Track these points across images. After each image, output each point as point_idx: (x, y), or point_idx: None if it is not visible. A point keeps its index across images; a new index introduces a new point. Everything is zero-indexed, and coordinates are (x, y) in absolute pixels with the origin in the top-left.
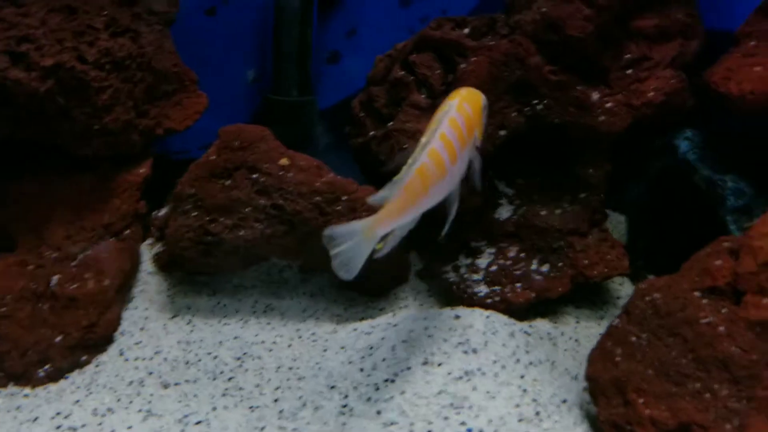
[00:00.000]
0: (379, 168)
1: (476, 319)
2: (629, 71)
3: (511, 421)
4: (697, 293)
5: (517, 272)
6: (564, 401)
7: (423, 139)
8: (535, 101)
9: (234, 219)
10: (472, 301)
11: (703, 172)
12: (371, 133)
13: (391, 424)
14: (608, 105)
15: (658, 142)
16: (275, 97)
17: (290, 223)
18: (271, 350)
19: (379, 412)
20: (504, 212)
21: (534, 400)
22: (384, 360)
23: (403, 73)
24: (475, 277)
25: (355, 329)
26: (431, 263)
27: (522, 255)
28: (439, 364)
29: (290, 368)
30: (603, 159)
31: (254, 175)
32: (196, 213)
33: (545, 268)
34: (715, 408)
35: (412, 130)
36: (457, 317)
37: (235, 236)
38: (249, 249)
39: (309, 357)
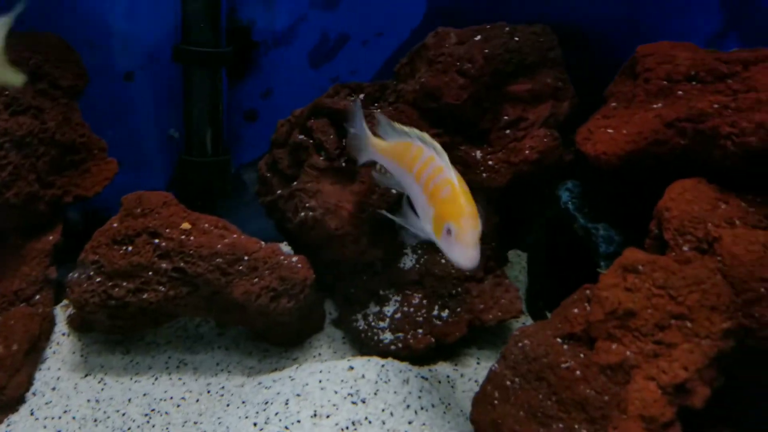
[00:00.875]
0: (287, 224)
1: (369, 368)
2: (507, 131)
3: None
4: (558, 339)
5: (419, 318)
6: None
7: (425, 136)
8: None
9: (136, 283)
10: (378, 348)
11: (580, 221)
12: (278, 192)
13: None
14: (490, 162)
15: (548, 192)
16: (188, 158)
17: (193, 285)
18: (179, 405)
19: None
20: (408, 262)
21: None
22: (276, 414)
23: (302, 137)
24: (381, 324)
25: (259, 383)
26: (344, 312)
27: (424, 301)
28: (328, 416)
29: (195, 423)
30: (490, 212)
31: (156, 240)
32: (99, 278)
33: (445, 313)
34: None
35: (313, 190)
36: (351, 368)
37: (139, 299)
38: (155, 310)
39: (213, 412)
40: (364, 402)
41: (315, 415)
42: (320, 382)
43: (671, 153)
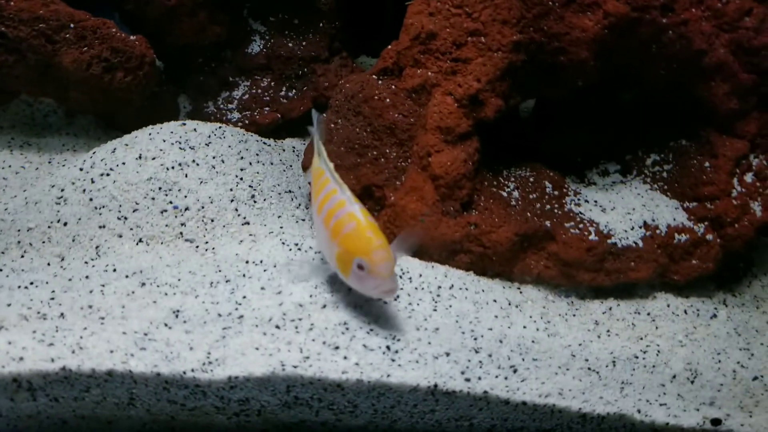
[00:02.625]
0: (125, 6)
1: (203, 126)
2: None
3: (222, 200)
4: (374, 76)
5: (266, 98)
6: (288, 191)
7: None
8: None
9: None
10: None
11: None
12: None
13: (102, 207)
14: None
15: None
16: None
17: (18, 52)
18: (17, 173)
19: (91, 200)
20: (256, 47)
21: (250, 186)
22: (102, 159)
23: None
24: (230, 106)
25: (96, 150)
26: (197, 102)
27: (272, 83)
28: (153, 158)
29: (31, 185)
30: None
31: None
32: None
33: (292, 92)
34: (387, 170)
35: None
36: (183, 124)
37: None
38: None
39: (49, 171)
40: (192, 149)
41: (140, 157)
42: (150, 134)
43: None
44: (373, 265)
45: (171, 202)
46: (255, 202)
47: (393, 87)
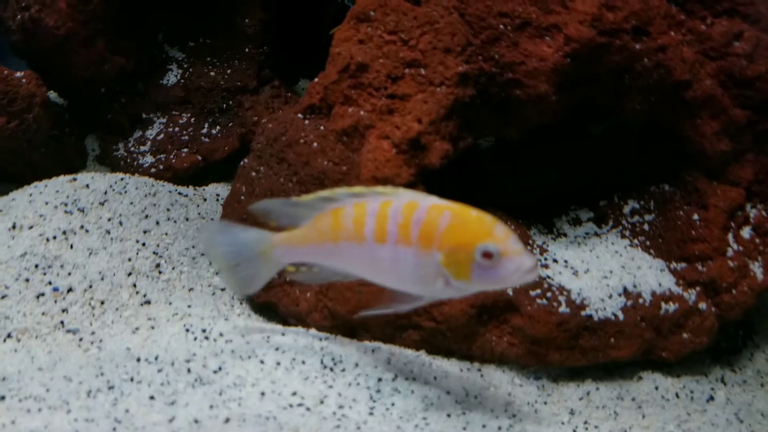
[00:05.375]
0: (12, 37)
1: (99, 180)
2: None
3: (117, 275)
4: (300, 115)
5: (185, 137)
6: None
7: (356, 188)
8: None
9: None
10: (138, 174)
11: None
12: None
13: None
14: None
15: None
16: None
17: None
18: None
19: None
20: (172, 77)
21: (155, 254)
22: None
23: None
24: (142, 148)
25: None
26: (106, 143)
27: (192, 120)
28: (30, 227)
29: None
30: (255, 7)
31: None
32: None
33: (215, 130)
34: None
35: None
36: (74, 180)
37: None
38: None
39: None
40: (82, 211)
41: (14, 227)
42: (30, 195)
43: None
44: (503, 243)
45: (50, 283)
46: (160, 273)
47: (321, 128)
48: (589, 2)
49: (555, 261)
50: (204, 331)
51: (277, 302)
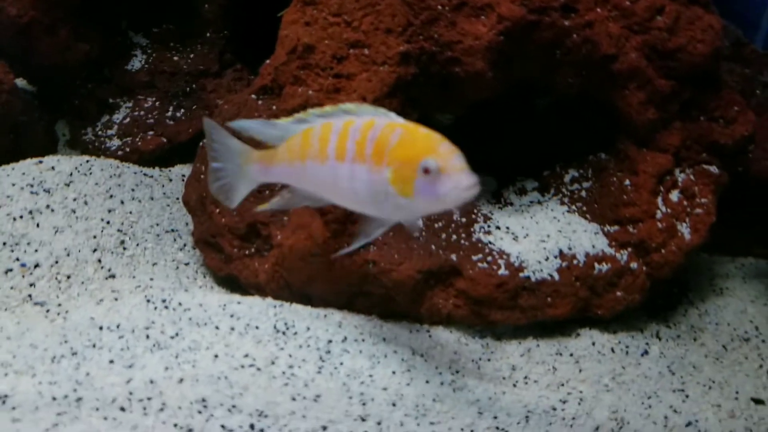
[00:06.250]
0: None
1: (64, 162)
2: None
3: (82, 251)
4: (253, 96)
5: (150, 121)
6: (172, 230)
7: (326, 108)
8: None
9: None
10: (106, 156)
11: None
12: None
13: None
14: None
15: None
16: None
17: None
18: None
19: None
20: (137, 63)
21: (120, 231)
22: None
23: None
24: (109, 132)
25: None
26: (75, 129)
27: (157, 104)
28: None
29: None
30: None
31: None
32: None
33: (179, 113)
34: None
35: None
36: (40, 162)
37: None
38: None
39: None
40: (48, 191)
41: None
42: None
43: None
44: (444, 160)
45: (18, 259)
46: (125, 249)
47: (273, 108)
48: None
49: (497, 228)
50: (164, 301)
51: (237, 274)
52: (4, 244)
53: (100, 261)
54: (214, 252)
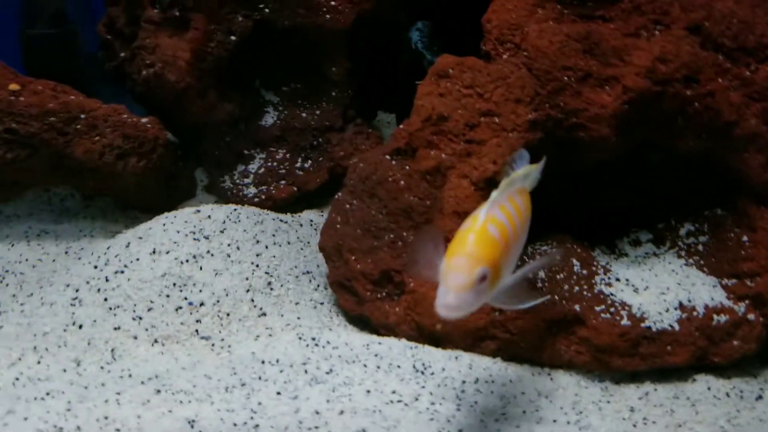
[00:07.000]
0: (136, 89)
1: (218, 211)
2: None
3: (237, 291)
4: (387, 156)
5: (282, 171)
6: (306, 272)
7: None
8: (261, 5)
9: None
10: (243, 203)
11: (428, 57)
12: (121, 54)
13: (117, 307)
14: (332, 3)
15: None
16: (27, 31)
17: (30, 146)
18: (34, 266)
19: (106, 299)
20: (269, 119)
21: (267, 273)
22: (117, 255)
23: None
24: (246, 180)
25: (113, 237)
26: (213, 175)
27: (287, 155)
28: (167, 252)
29: (48, 280)
30: (341, 56)
31: None
32: None
33: (307, 164)
34: (405, 254)
35: (151, 46)
36: (198, 212)
37: None
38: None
39: (65, 266)
40: (207, 238)
41: (154, 252)
42: (164, 225)
43: None
44: (446, 270)
45: (186, 298)
46: (272, 289)
47: (407, 168)
48: (644, 56)
49: (617, 279)
50: (314, 339)
51: (369, 315)
52: (174, 284)
53: (252, 300)
54: (348, 294)
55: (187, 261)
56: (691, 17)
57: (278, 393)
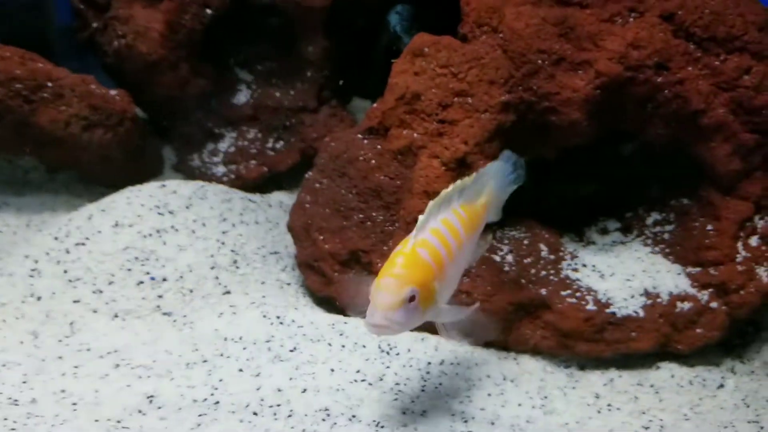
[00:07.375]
0: (106, 60)
1: (184, 186)
2: None
3: (202, 268)
4: (359, 135)
5: (253, 150)
6: (274, 253)
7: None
8: None
9: None
10: (211, 181)
11: (405, 41)
12: (93, 24)
13: (77, 280)
14: None
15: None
16: None
17: None
18: None
19: (65, 271)
20: (242, 97)
21: (233, 251)
22: (78, 227)
23: None
24: (215, 159)
25: (76, 209)
26: (182, 154)
27: (259, 135)
28: (130, 225)
29: (8, 252)
30: (318, 35)
31: None
32: None
33: (279, 144)
34: (374, 234)
35: (125, 16)
36: (163, 186)
37: None
38: None
39: (25, 239)
40: (172, 213)
41: (117, 224)
42: (127, 198)
43: None
44: (374, 291)
45: (148, 273)
46: (237, 267)
47: (378, 147)
48: (617, 42)
49: (584, 265)
50: (278, 317)
51: (336, 296)
52: (137, 258)
53: (217, 278)
54: (316, 274)
55: (150, 235)
56: (665, 6)
57: (240, 370)
